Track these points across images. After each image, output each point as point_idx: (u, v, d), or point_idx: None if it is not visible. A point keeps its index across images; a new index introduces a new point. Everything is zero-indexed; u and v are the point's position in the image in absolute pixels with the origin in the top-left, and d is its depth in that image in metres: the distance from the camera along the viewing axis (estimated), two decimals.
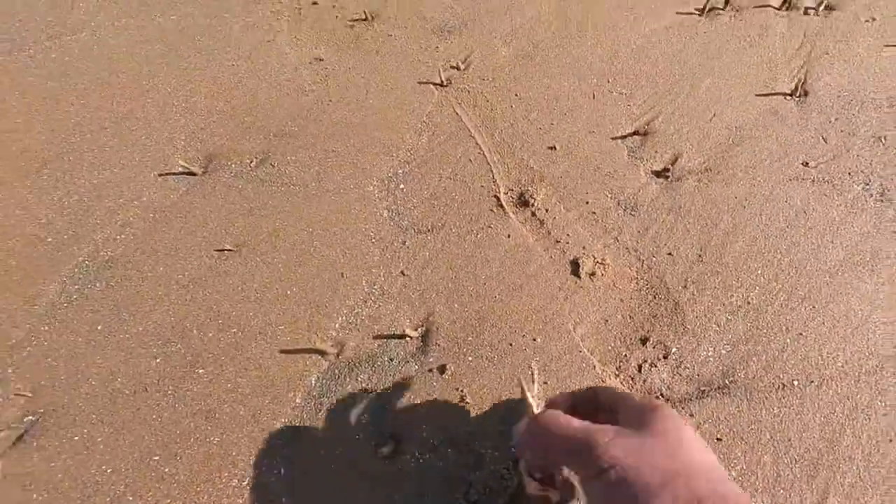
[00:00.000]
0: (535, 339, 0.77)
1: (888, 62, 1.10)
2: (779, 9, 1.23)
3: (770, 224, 0.87)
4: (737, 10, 1.23)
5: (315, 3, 1.32)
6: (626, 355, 0.76)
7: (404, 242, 0.89)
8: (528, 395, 0.66)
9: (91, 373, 0.77)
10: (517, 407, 0.70)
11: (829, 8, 1.22)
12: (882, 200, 0.90)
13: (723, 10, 1.23)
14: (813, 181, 0.93)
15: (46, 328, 0.82)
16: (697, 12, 1.23)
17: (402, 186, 0.96)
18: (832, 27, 1.18)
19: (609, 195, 0.93)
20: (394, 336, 0.79)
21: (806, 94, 1.06)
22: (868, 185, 0.92)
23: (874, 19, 1.18)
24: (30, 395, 0.76)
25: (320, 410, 0.73)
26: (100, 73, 1.17)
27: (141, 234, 0.92)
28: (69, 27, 1.28)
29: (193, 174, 0.99)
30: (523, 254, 0.86)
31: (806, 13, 1.21)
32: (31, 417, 0.74)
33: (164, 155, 1.02)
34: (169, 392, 0.75)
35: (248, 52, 1.21)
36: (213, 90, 1.13)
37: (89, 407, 0.75)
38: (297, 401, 0.74)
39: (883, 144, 0.97)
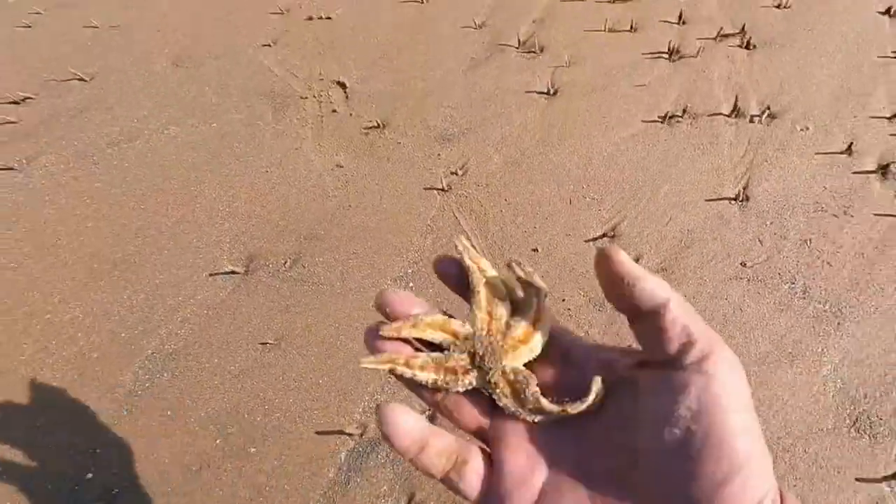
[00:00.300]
0: None
1: (817, 168, 1.32)
2: (729, 116, 1.45)
3: (711, 320, 1.07)
4: (693, 118, 1.46)
5: (334, 112, 1.54)
6: None
7: None
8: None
9: (164, 452, 0.97)
10: None
11: (771, 116, 1.44)
12: (804, 298, 1.10)
13: (682, 117, 1.45)
14: (749, 280, 1.13)
15: (125, 413, 1.01)
16: (660, 120, 1.45)
17: (411, 285, 1.16)
18: (772, 135, 1.39)
19: (581, 293, 1.13)
20: None
21: (748, 198, 1.27)
22: (793, 284, 1.12)
23: (808, 128, 1.40)
24: (115, 471, 0.95)
25: (349, 483, 0.92)
26: (154, 180, 1.39)
27: (198, 329, 1.12)
28: (126, 135, 1.51)
29: (237, 273, 1.20)
30: None
31: (751, 121, 1.43)
32: (116, 490, 0.93)
33: (213, 256, 1.23)
34: (228, 469, 0.94)
35: (279, 159, 1.43)
36: (251, 195, 1.35)
37: (163, 481, 0.93)
38: (331, 475, 0.93)
39: (808, 247, 1.17)
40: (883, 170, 1.29)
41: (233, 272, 1.20)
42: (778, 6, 1.73)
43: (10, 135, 1.51)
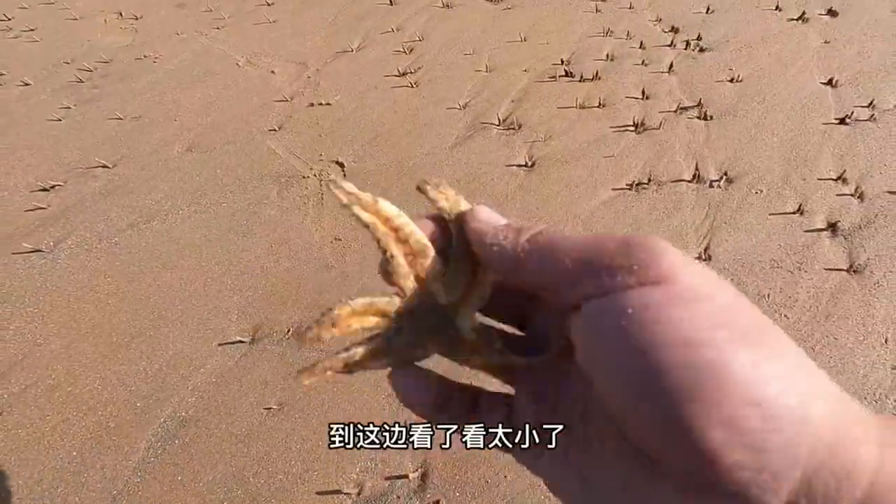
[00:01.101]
0: (506, 477, 1.03)
1: (772, 228, 1.44)
2: (690, 181, 1.60)
3: None
4: (658, 185, 1.60)
5: None
6: None
7: None
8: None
9: None
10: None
11: (728, 181, 1.59)
12: None
13: (647, 185, 1.60)
14: None
15: (138, 480, 1.09)
16: (628, 187, 1.60)
17: None
18: (730, 199, 1.53)
19: None
20: (399, 476, 1.06)
21: (710, 258, 1.39)
22: None
23: (762, 191, 1.54)
24: None
25: None
26: (170, 257, 1.53)
27: (207, 397, 1.21)
28: (144, 216, 1.66)
29: (244, 342, 1.30)
30: None
31: (711, 186, 1.58)
32: None
33: (221, 327, 1.34)
34: None
35: (283, 234, 1.56)
36: (257, 269, 1.47)
37: None
38: None
39: (766, 301, 1.28)
40: (832, 227, 1.42)
41: (240, 341, 1.31)
42: (731, 80, 1.93)
43: (40, 220, 1.66)
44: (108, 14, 2.73)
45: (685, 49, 2.10)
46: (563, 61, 2.09)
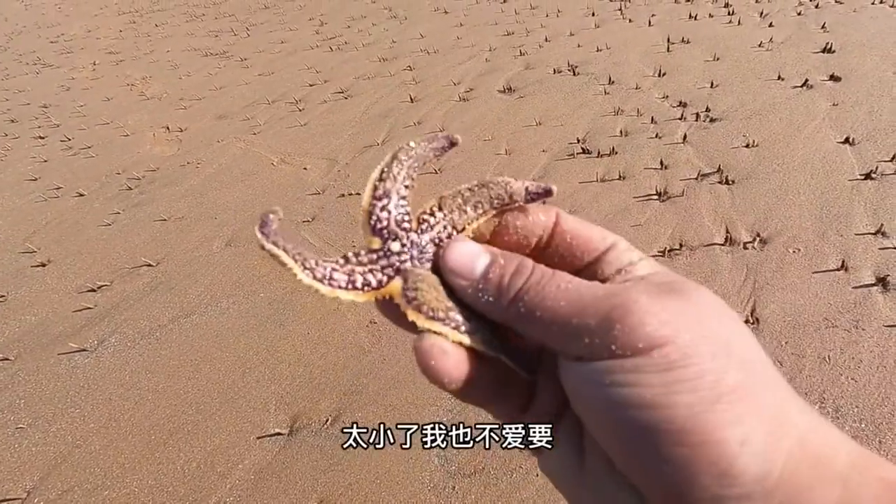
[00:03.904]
0: None
1: (818, 287, 1.40)
2: (723, 244, 1.59)
3: None
4: (691, 250, 1.59)
5: None
6: None
7: (454, 487, 1.10)
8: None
9: None
10: None
11: (762, 241, 1.57)
12: (838, 418, 1.10)
13: (679, 251, 1.59)
14: None
15: None
16: (660, 254, 1.59)
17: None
18: (767, 259, 1.51)
19: None
20: None
21: (758, 321, 1.34)
22: (823, 403, 1.13)
23: (799, 250, 1.52)
24: None
25: None
26: (209, 350, 1.54)
27: (246, 495, 1.16)
28: (185, 310, 1.70)
29: (282, 435, 1.27)
30: (552, 493, 1.06)
31: (745, 247, 1.56)
32: None
33: (259, 420, 1.31)
34: None
35: (318, 320, 1.58)
36: (293, 357, 1.47)
37: None
38: None
39: (828, 364, 1.21)
40: (882, 282, 1.37)
41: (278, 433, 1.27)
42: (747, 146, 1.98)
43: (87, 320, 1.72)
44: (156, 129, 3.01)
45: (696, 121, 2.18)
46: (578, 140, 2.19)
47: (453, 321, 0.25)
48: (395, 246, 0.27)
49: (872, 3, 2.93)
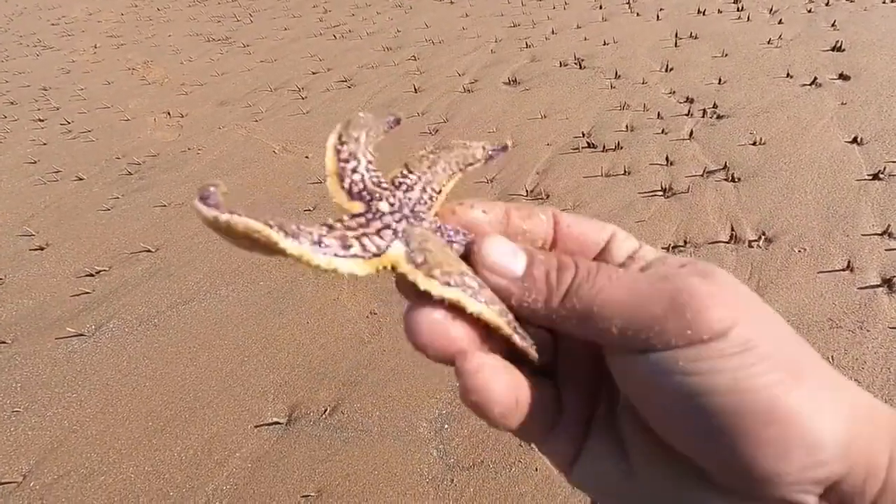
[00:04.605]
0: None
1: (823, 287, 1.38)
2: (728, 242, 1.57)
3: None
4: (696, 247, 1.58)
5: None
6: None
7: (452, 480, 1.10)
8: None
9: None
10: None
11: (768, 240, 1.56)
12: None
13: (684, 247, 1.58)
14: None
15: None
16: (665, 250, 1.58)
17: (446, 426, 1.20)
18: (773, 258, 1.49)
19: None
20: None
21: None
22: None
23: (805, 249, 1.50)
24: None
25: None
26: (207, 337, 1.53)
27: (243, 484, 1.15)
28: (184, 297, 1.69)
29: (280, 424, 1.26)
30: (550, 488, 1.05)
31: (750, 246, 1.55)
32: None
33: (258, 408, 1.30)
34: None
35: (318, 310, 1.57)
36: (292, 346, 1.46)
37: None
38: None
39: (832, 364, 1.19)
40: (888, 283, 1.36)
41: (276, 423, 1.26)
42: (754, 143, 1.96)
43: (85, 304, 1.71)
44: (157, 114, 2.99)
45: (702, 117, 2.16)
46: (584, 134, 2.16)
47: (469, 287, 0.22)
48: (384, 206, 0.23)
49: (884, 2, 2.90)
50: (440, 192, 0.26)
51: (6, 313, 1.72)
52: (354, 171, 0.24)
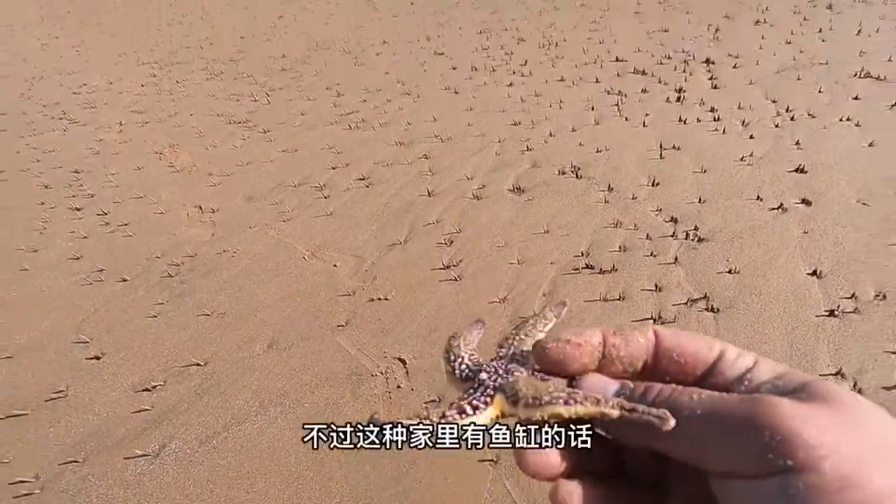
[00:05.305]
0: None
1: None
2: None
3: None
4: None
5: (399, 387, 1.97)
6: None
7: None
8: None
9: None
10: None
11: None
12: None
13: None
14: None
15: None
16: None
17: None
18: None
19: None
20: None
21: None
22: None
23: None
24: None
25: None
26: (262, 462, 1.75)
27: None
28: (236, 417, 1.91)
29: None
30: None
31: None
32: None
33: None
34: None
35: None
36: (339, 475, 1.69)
37: None
38: None
39: None
40: None
41: None
42: (730, 271, 2.27)
43: (146, 422, 1.92)
44: (189, 207, 3.24)
45: (686, 239, 2.48)
46: (583, 253, 2.46)
47: (559, 398, 0.28)
48: (483, 376, 0.33)
49: (840, 120, 3.30)
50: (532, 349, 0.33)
51: (74, 430, 1.93)
52: (461, 363, 0.35)
